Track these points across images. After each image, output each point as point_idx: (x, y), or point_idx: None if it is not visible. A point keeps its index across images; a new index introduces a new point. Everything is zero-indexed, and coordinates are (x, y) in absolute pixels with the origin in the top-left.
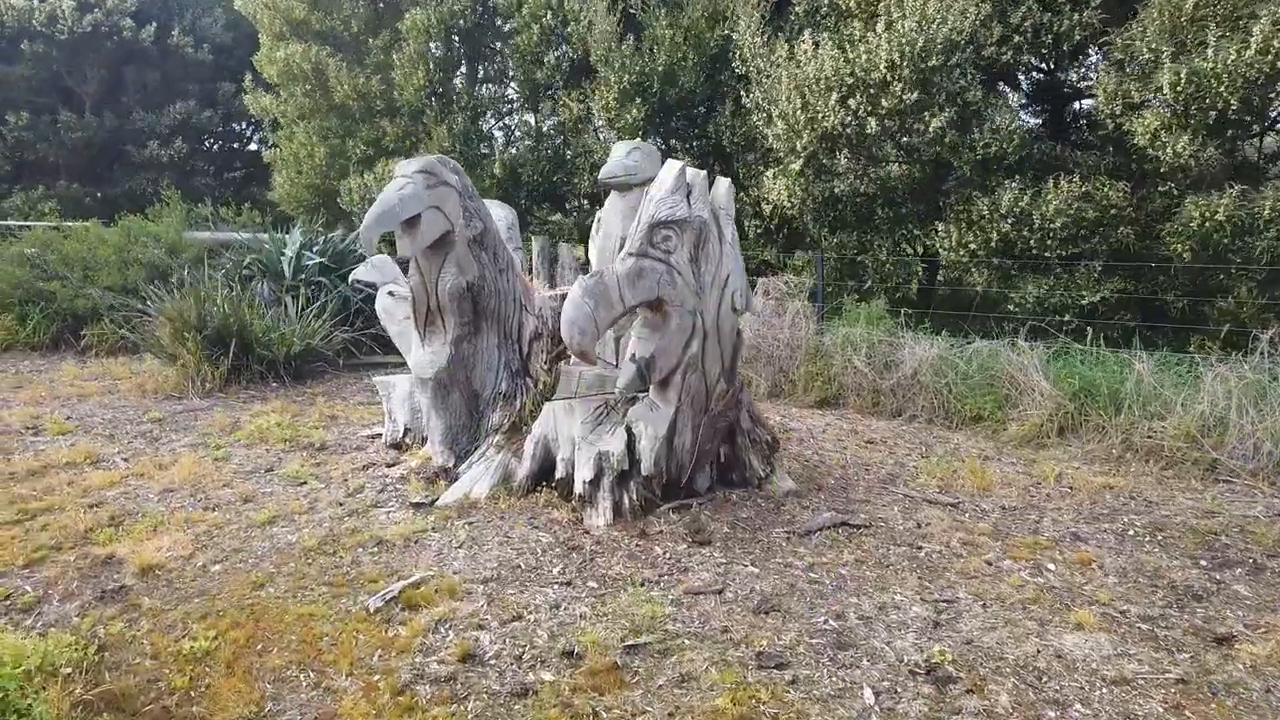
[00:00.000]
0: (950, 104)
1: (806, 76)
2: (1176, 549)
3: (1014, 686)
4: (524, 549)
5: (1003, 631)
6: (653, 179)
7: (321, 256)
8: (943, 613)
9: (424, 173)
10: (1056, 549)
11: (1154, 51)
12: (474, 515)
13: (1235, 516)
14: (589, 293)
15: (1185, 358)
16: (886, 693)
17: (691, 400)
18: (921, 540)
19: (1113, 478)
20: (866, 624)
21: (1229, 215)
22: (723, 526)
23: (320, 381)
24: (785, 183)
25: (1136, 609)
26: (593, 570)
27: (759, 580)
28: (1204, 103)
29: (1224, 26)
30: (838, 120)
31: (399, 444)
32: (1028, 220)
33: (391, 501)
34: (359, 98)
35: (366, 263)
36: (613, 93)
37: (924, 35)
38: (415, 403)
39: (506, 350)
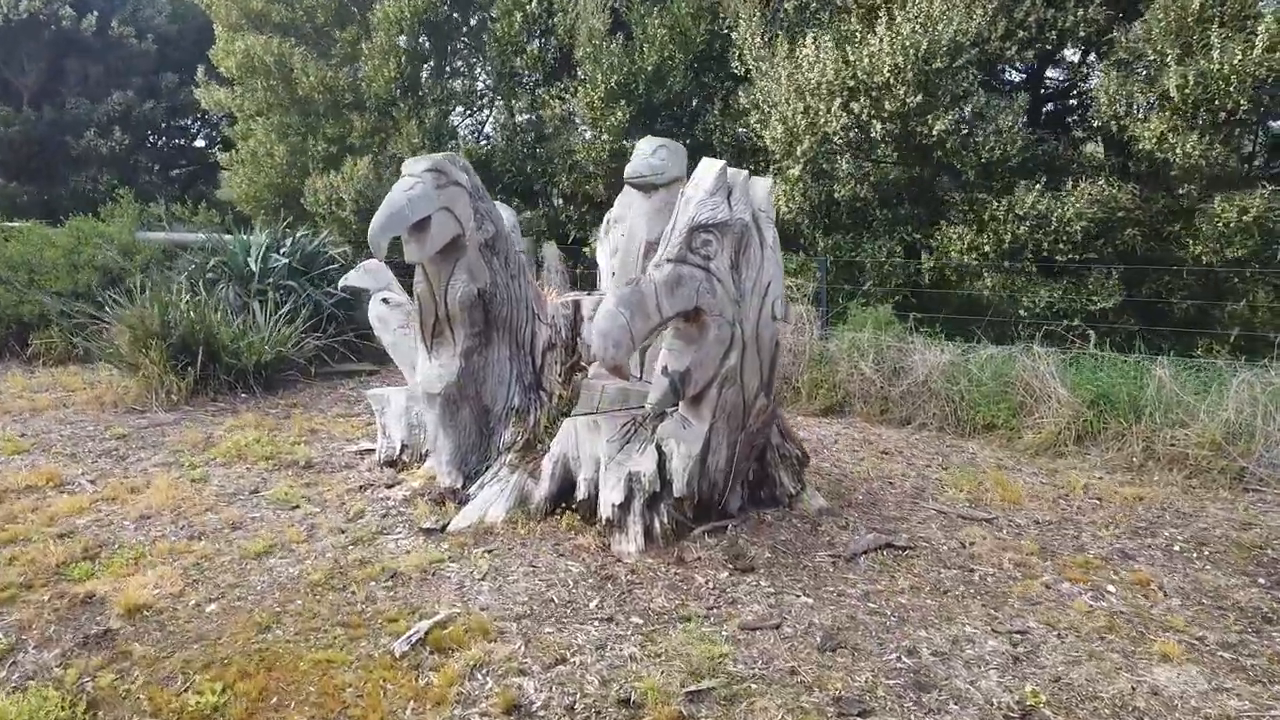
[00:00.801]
0: (954, 106)
1: (809, 81)
2: (1227, 565)
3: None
4: (554, 580)
5: (1089, 666)
6: (679, 179)
7: (290, 258)
8: (1018, 645)
9: (434, 171)
10: (1109, 568)
11: (1159, 53)
12: (492, 542)
13: (1274, 528)
14: (624, 302)
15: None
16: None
17: (728, 416)
18: (971, 562)
19: (1140, 488)
20: (943, 661)
21: (1257, 217)
22: (763, 551)
23: (293, 392)
24: (784, 188)
25: (1213, 636)
26: (633, 603)
27: (815, 612)
28: (1212, 104)
29: (1229, 26)
30: (840, 125)
31: (394, 462)
32: (1046, 222)
33: (398, 527)
34: (325, 90)
35: (358, 268)
36: (598, 92)
37: (928, 37)
38: (413, 418)
39: (519, 362)
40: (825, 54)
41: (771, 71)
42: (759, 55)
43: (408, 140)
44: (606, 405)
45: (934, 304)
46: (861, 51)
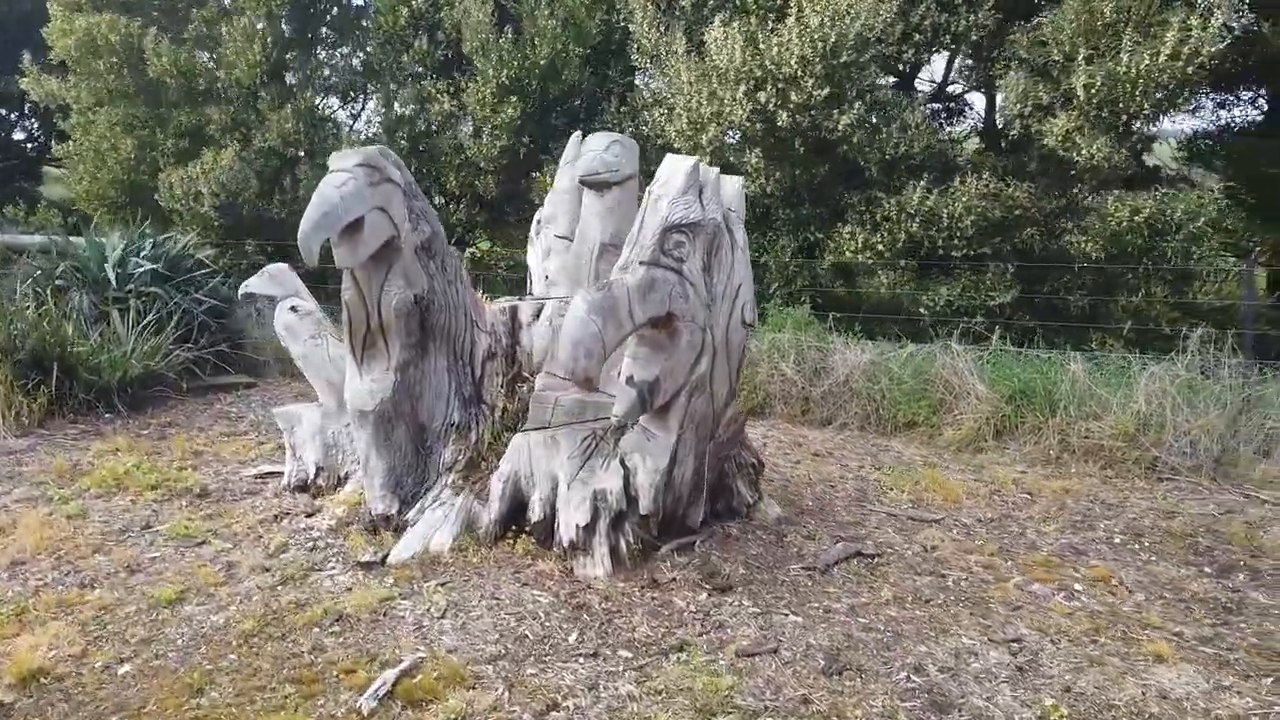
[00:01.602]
0: (860, 101)
1: (715, 66)
2: (1170, 556)
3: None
4: (522, 613)
5: (1093, 673)
6: (632, 176)
7: (153, 263)
8: (1018, 655)
9: (366, 167)
10: (1068, 565)
11: (1067, 55)
12: (443, 573)
13: (1195, 515)
14: (596, 309)
15: (1116, 357)
16: None
17: (696, 426)
18: (940, 567)
19: (1063, 481)
20: (952, 677)
21: (1149, 217)
22: (737, 568)
23: (164, 409)
24: None
25: (1189, 630)
26: (615, 634)
27: (808, 632)
28: (1117, 106)
29: (1137, 31)
30: (745, 114)
31: (306, 486)
32: (936, 220)
33: (331, 561)
34: (179, 75)
35: (261, 273)
36: (489, 88)
37: (835, 30)
38: (329, 437)
39: (457, 374)
40: (734, 40)
41: (673, 61)
42: (658, 45)
43: (278, 131)
44: (560, 419)
45: (842, 304)
46: (771, 40)
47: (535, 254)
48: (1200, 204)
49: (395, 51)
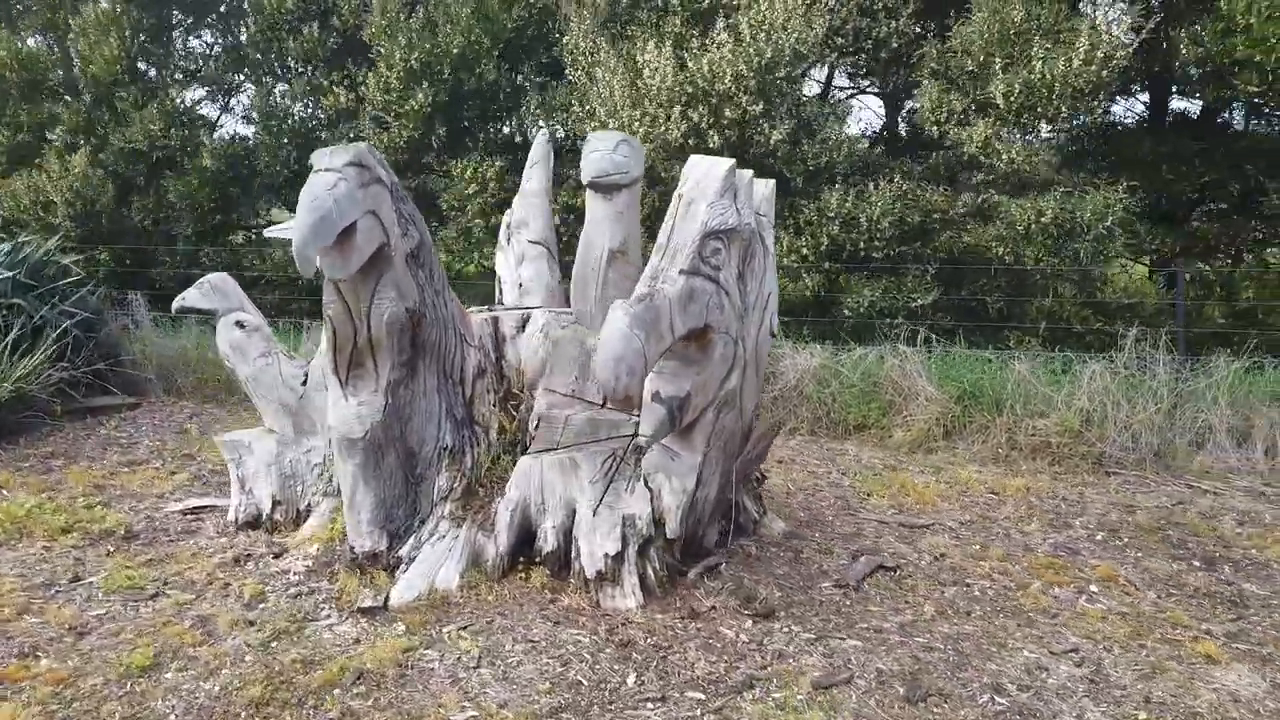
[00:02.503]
0: (790, 116)
1: (648, 87)
2: (1153, 551)
3: None
4: (565, 655)
5: (1164, 681)
6: (639, 179)
7: (10, 270)
8: (1082, 665)
9: (357, 166)
10: (1072, 567)
11: (981, 64)
12: (459, 616)
13: (1152, 509)
14: (639, 322)
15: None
16: None
17: (724, 444)
18: (961, 576)
19: (1019, 479)
20: (1036, 696)
21: (1054, 218)
22: (771, 590)
23: (40, 438)
24: None
25: (1215, 627)
26: (675, 674)
27: (872, 657)
28: (1035, 111)
29: (1048, 39)
30: (680, 132)
31: (258, 522)
32: (855, 223)
33: (323, 609)
34: (20, 69)
35: (199, 284)
36: (395, 73)
37: (771, 46)
38: (287, 466)
39: (448, 393)
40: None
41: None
42: (593, 62)
43: (143, 129)
44: (572, 439)
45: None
46: (702, 59)
47: (507, 261)
48: (1108, 205)
49: (277, 39)
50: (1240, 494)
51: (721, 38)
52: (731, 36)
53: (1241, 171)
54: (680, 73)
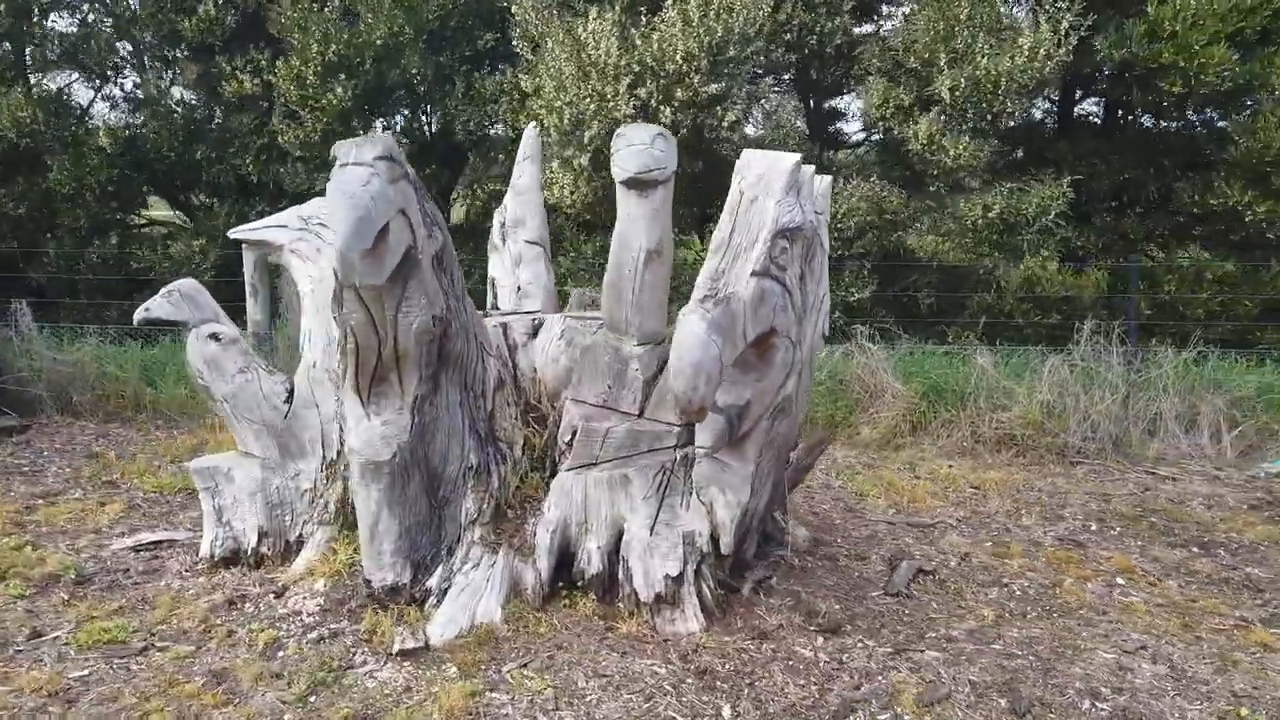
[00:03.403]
0: (744, 99)
1: (594, 61)
2: (1148, 538)
3: None
4: (645, 689)
5: (1239, 674)
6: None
7: None
8: (1158, 662)
9: (387, 160)
10: (1085, 560)
11: (925, 61)
12: (514, 652)
13: (1125, 496)
14: (716, 327)
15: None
16: None
17: (776, 453)
18: (997, 576)
19: (993, 471)
20: (1131, 697)
21: (1000, 212)
22: (830, 602)
23: None
24: (571, 178)
25: (1251, 613)
26: (770, 702)
27: (958, 669)
28: (980, 107)
29: (991, 36)
30: (629, 110)
31: (237, 557)
32: None
33: (356, 655)
34: None
35: (167, 292)
36: (311, 66)
37: (721, 24)
38: (274, 494)
39: (469, 408)
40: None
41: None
42: (543, 33)
43: (9, 115)
44: (612, 453)
45: None
46: (651, 35)
47: (502, 263)
48: (1051, 199)
49: (168, 20)
50: (1197, 478)
51: (670, 15)
52: (680, 15)
53: (1155, 169)
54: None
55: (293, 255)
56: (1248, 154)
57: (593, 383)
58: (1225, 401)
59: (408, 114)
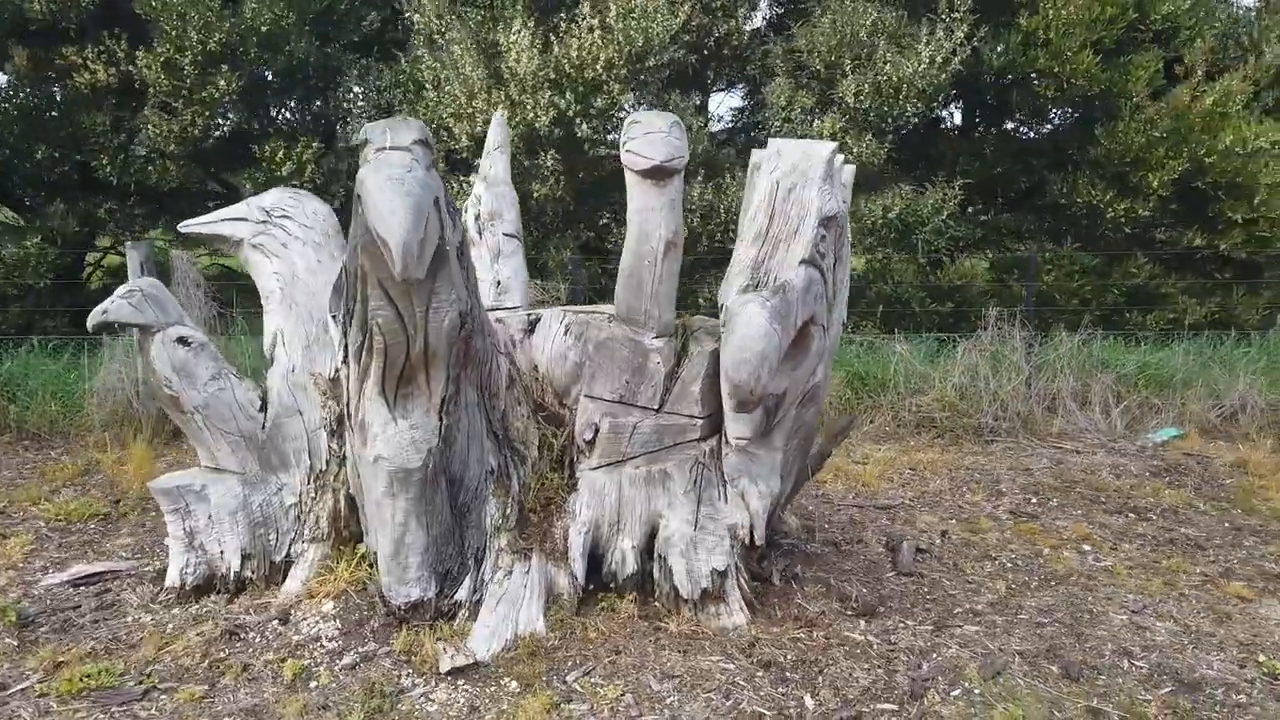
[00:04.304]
0: (657, 106)
1: (513, 70)
2: (1085, 506)
3: None
4: (721, 686)
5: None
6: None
7: None
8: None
9: (423, 144)
10: (1046, 531)
11: (829, 64)
12: (571, 660)
13: (1044, 469)
14: (777, 316)
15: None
16: None
17: (801, 441)
18: (983, 550)
19: (922, 453)
20: (1161, 654)
21: (900, 213)
22: (855, 586)
23: None
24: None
25: (1209, 569)
26: (843, 687)
27: (1000, 641)
28: (882, 110)
29: (893, 43)
30: (548, 119)
31: (211, 585)
32: (715, 213)
33: (402, 677)
34: None
35: (127, 292)
36: (189, 58)
37: (642, 32)
38: (256, 512)
39: (484, 408)
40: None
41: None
42: (448, 38)
43: None
44: (639, 449)
45: None
46: (570, 44)
47: (480, 256)
48: (945, 199)
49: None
50: (1099, 451)
51: (592, 22)
52: (600, 22)
53: (1026, 169)
54: (545, 57)
55: (255, 251)
56: (1109, 155)
57: (608, 378)
58: (1112, 379)
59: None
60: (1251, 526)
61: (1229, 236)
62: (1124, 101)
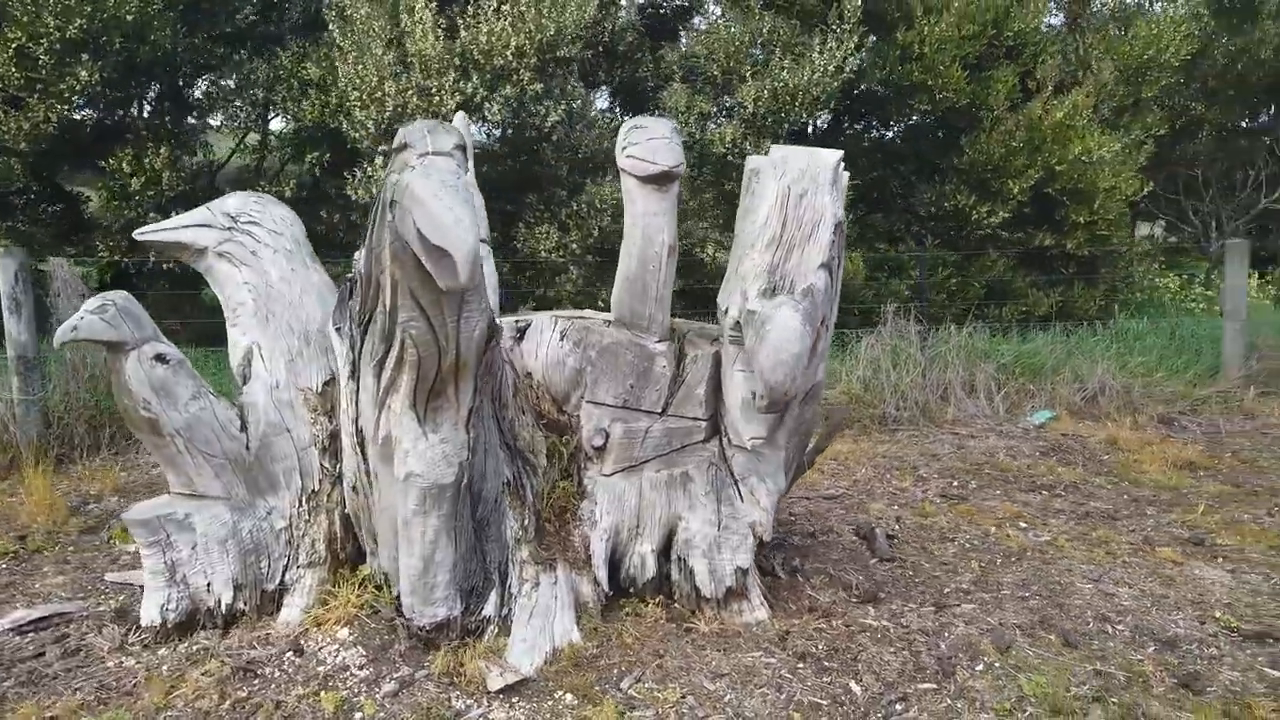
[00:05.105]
0: (565, 98)
1: (419, 53)
2: (1004, 487)
3: None
4: (770, 680)
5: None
6: None
7: None
8: (1123, 586)
9: (462, 148)
10: (981, 512)
11: (727, 70)
12: (618, 668)
13: (949, 454)
14: (808, 318)
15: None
16: None
17: (800, 438)
18: (940, 533)
19: (838, 444)
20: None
21: None
22: (855, 576)
23: None
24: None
25: (1134, 539)
26: (881, 672)
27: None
28: (779, 115)
29: (787, 52)
30: (453, 106)
31: (194, 621)
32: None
33: (453, 701)
34: None
35: (100, 306)
36: (43, 47)
37: (554, 21)
38: (247, 539)
39: (497, 419)
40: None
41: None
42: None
43: None
44: (651, 453)
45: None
46: (480, 29)
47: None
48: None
49: None
50: (991, 435)
51: (504, 9)
52: (511, 9)
53: (898, 175)
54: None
55: (221, 260)
56: (973, 164)
57: (612, 383)
58: (993, 368)
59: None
60: (1146, 497)
61: (1074, 236)
62: (987, 113)
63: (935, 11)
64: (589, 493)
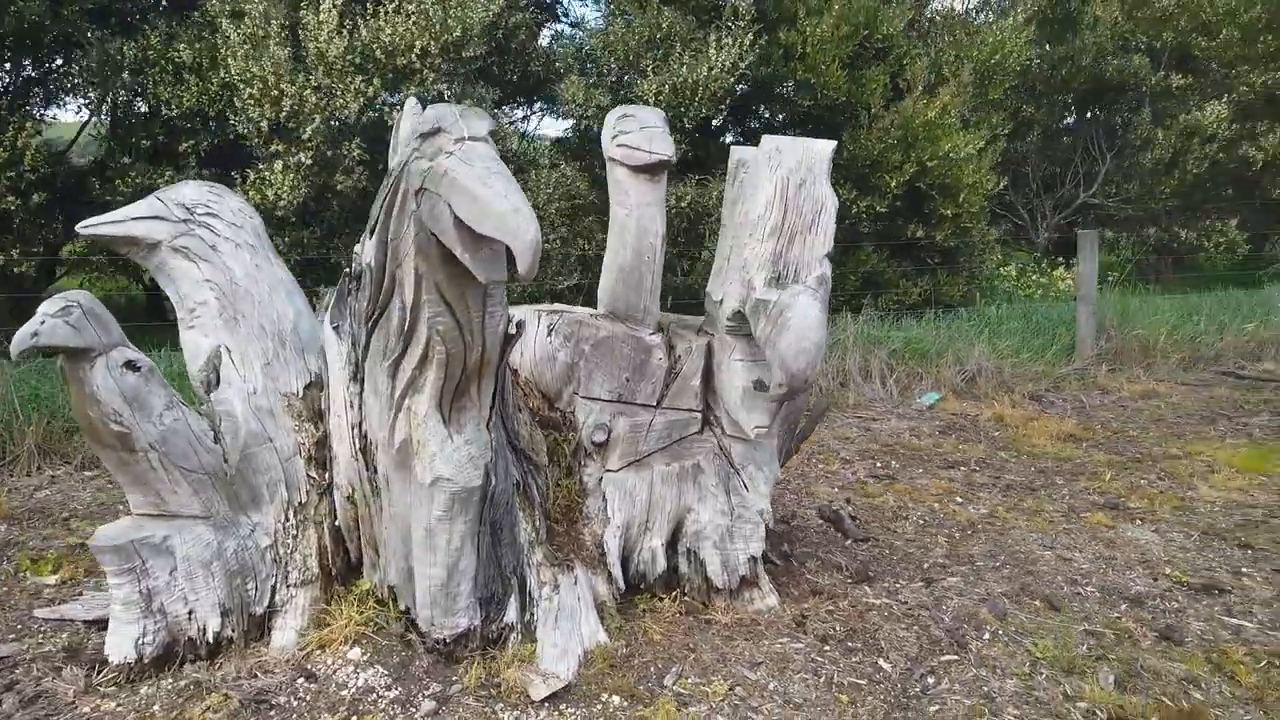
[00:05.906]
0: (470, 98)
1: (320, 52)
2: (924, 465)
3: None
4: (803, 666)
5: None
6: None
7: None
8: (1075, 550)
9: (494, 134)
10: (915, 490)
11: (627, 64)
12: (653, 666)
13: (860, 436)
14: (824, 306)
15: None
16: None
17: (789, 425)
18: (896, 512)
19: None
20: (1098, 576)
21: (692, 202)
22: (844, 557)
23: None
24: (291, 179)
25: (1058, 506)
26: (900, 648)
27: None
28: (680, 110)
29: (686, 48)
30: (358, 107)
31: (174, 652)
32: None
33: (501, 714)
34: None
35: (64, 310)
36: None
37: (460, 21)
38: (232, 560)
39: (501, 418)
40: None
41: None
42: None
43: None
44: (654, 446)
45: None
46: (383, 27)
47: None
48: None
49: None
50: (891, 417)
51: (406, 7)
52: (418, 8)
53: None
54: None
55: (177, 255)
56: (853, 159)
57: (607, 377)
58: (885, 354)
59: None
60: (1051, 469)
61: (941, 229)
62: (864, 111)
63: (817, 13)
64: (594, 490)
